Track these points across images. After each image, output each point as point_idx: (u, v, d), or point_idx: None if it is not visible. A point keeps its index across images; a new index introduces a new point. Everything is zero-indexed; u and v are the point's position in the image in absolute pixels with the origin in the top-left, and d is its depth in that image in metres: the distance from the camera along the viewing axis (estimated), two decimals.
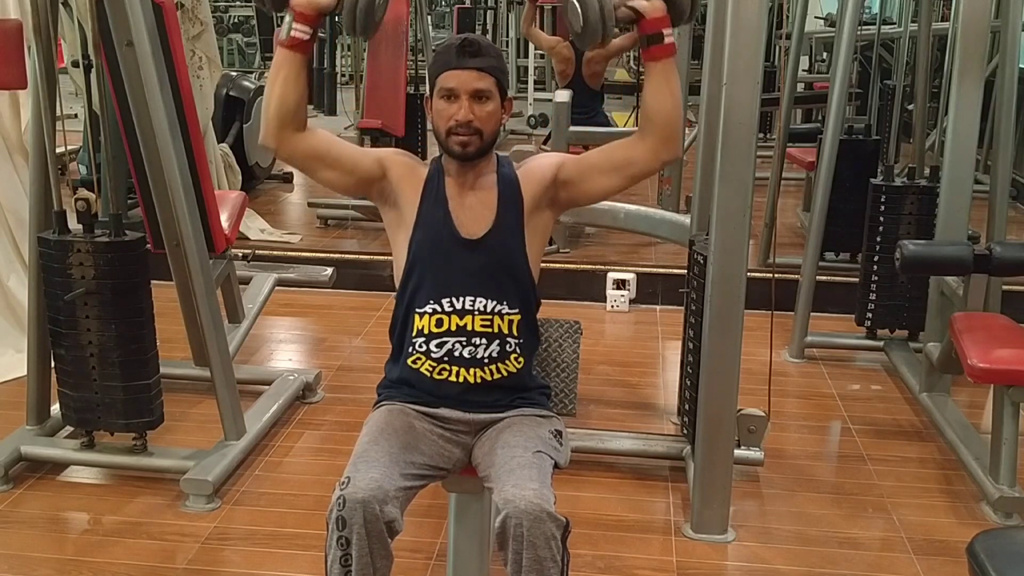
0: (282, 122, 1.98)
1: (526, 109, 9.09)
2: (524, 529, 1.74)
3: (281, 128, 1.98)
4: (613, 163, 2.03)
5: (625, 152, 2.02)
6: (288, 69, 1.96)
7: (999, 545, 1.44)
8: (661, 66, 1.95)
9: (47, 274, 2.74)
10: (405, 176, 2.06)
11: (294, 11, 1.94)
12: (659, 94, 1.96)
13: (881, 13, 6.36)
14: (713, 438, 2.63)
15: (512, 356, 2.03)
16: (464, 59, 1.95)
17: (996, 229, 3.62)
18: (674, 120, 1.97)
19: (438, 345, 2.00)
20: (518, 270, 2.04)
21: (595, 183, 2.05)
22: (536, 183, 2.05)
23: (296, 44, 1.95)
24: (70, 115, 5.61)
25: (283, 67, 1.96)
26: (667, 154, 2.00)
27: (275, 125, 1.98)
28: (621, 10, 1.90)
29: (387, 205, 2.08)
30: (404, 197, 2.05)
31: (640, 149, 2.00)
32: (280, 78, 1.96)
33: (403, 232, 2.05)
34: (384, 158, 2.07)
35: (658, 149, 1.99)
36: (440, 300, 2.00)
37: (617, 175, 2.03)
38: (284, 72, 1.96)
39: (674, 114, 1.97)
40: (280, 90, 1.96)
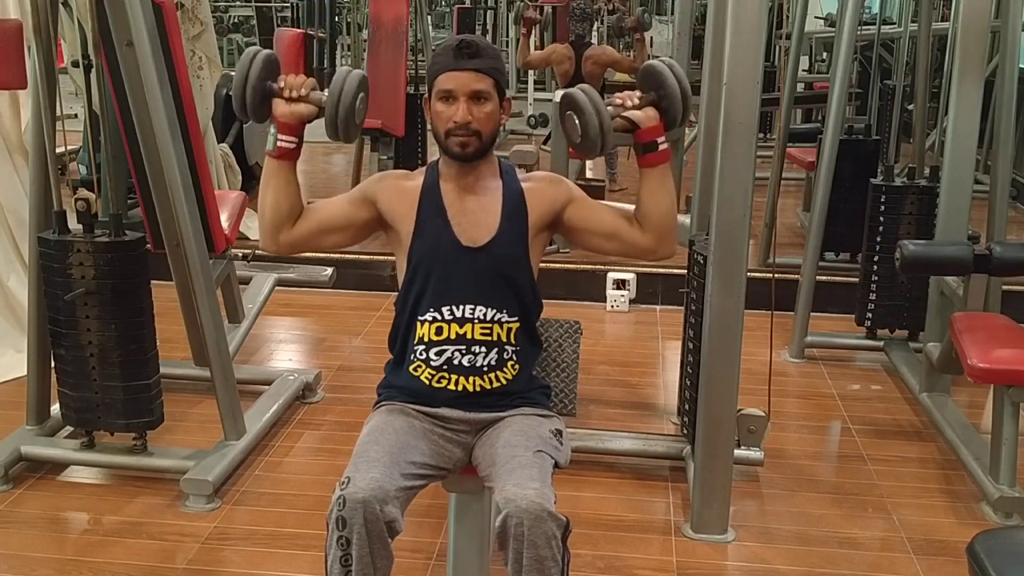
0: (279, 228, 2.03)
1: (526, 109, 9.08)
2: (525, 528, 1.74)
3: (278, 231, 2.03)
4: (615, 234, 2.08)
5: (628, 233, 2.07)
6: (278, 179, 2.01)
7: (999, 545, 1.44)
8: (657, 172, 2.03)
9: (47, 274, 2.74)
10: (394, 199, 2.06)
11: (278, 122, 1.98)
12: (655, 198, 2.04)
13: (881, 13, 6.36)
14: (713, 438, 2.63)
15: (509, 363, 2.03)
16: (462, 60, 1.95)
17: (996, 229, 3.62)
18: (670, 221, 2.05)
19: (437, 353, 2.00)
20: (520, 279, 2.04)
21: (592, 240, 2.11)
22: (544, 208, 2.07)
23: (284, 154, 2.00)
24: (70, 115, 5.61)
25: (273, 177, 2.01)
26: (664, 252, 2.09)
27: (272, 232, 2.04)
28: (617, 121, 1.99)
29: (388, 230, 2.10)
30: (399, 217, 2.05)
31: (641, 240, 2.07)
32: (271, 187, 2.01)
33: (403, 245, 2.06)
34: (368, 192, 2.08)
35: (656, 247, 2.08)
36: (440, 308, 2.00)
37: (613, 243, 2.09)
38: (275, 182, 2.01)
39: (670, 216, 2.05)
40: (272, 199, 2.01)
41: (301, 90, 1.96)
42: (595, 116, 1.92)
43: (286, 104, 1.97)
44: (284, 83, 1.97)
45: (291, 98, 1.96)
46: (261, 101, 1.97)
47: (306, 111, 1.97)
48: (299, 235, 2.05)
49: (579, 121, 1.96)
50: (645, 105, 2.00)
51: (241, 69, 1.95)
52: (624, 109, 1.99)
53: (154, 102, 2.68)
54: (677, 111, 1.99)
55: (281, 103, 1.97)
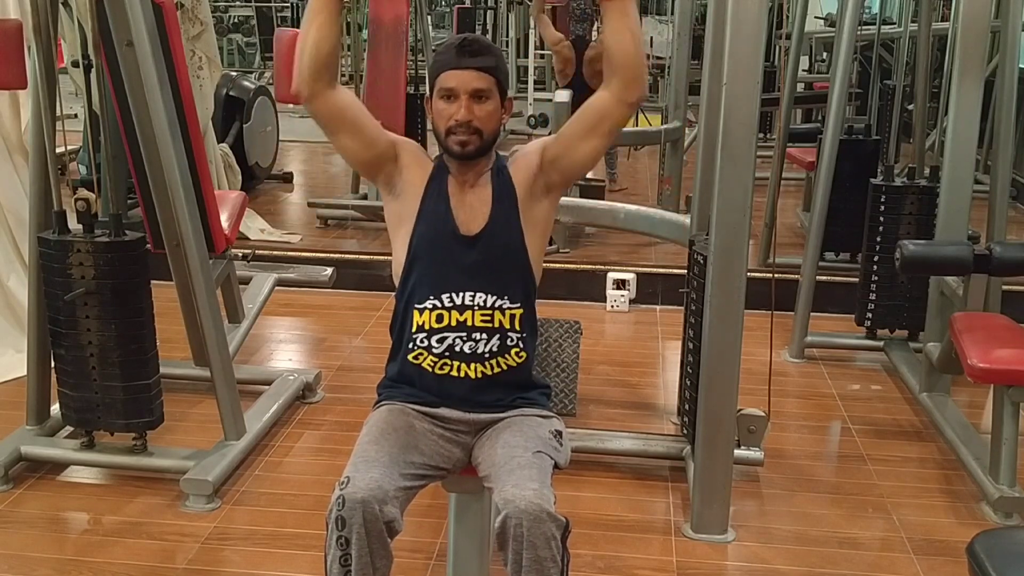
0: (317, 70, 1.96)
1: (526, 109, 9.08)
2: (524, 529, 1.74)
3: (315, 77, 1.96)
4: (588, 125, 2.03)
5: (595, 110, 2.02)
6: (324, 15, 1.95)
7: (999, 545, 1.44)
8: (618, 5, 1.95)
9: (47, 274, 2.74)
10: (413, 165, 2.07)
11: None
12: (618, 34, 1.95)
13: (881, 13, 6.36)
14: (713, 438, 2.63)
15: (513, 350, 2.02)
16: (464, 59, 1.95)
17: (996, 229, 3.62)
18: (636, 59, 1.97)
19: (439, 340, 2.00)
20: (518, 263, 2.04)
21: (579, 150, 2.04)
22: (525, 171, 2.06)
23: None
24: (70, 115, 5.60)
25: (319, 13, 1.95)
26: (632, 95, 1.99)
27: (309, 73, 1.96)
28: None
29: (391, 194, 2.08)
30: (409, 187, 2.05)
31: (607, 99, 2.00)
32: (315, 24, 1.95)
33: (404, 225, 2.05)
34: (398, 143, 2.09)
35: (623, 93, 1.98)
36: (440, 296, 2.00)
37: (596, 134, 2.03)
38: (320, 18, 1.95)
39: (634, 52, 1.96)
40: (315, 36, 1.94)
41: None
42: None
43: None
44: None
45: None
46: None
47: None
48: (331, 103, 1.98)
49: None
50: None
51: None
52: None
53: (154, 102, 2.68)
54: None
55: None
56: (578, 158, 2.05)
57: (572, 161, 2.05)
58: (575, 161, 2.06)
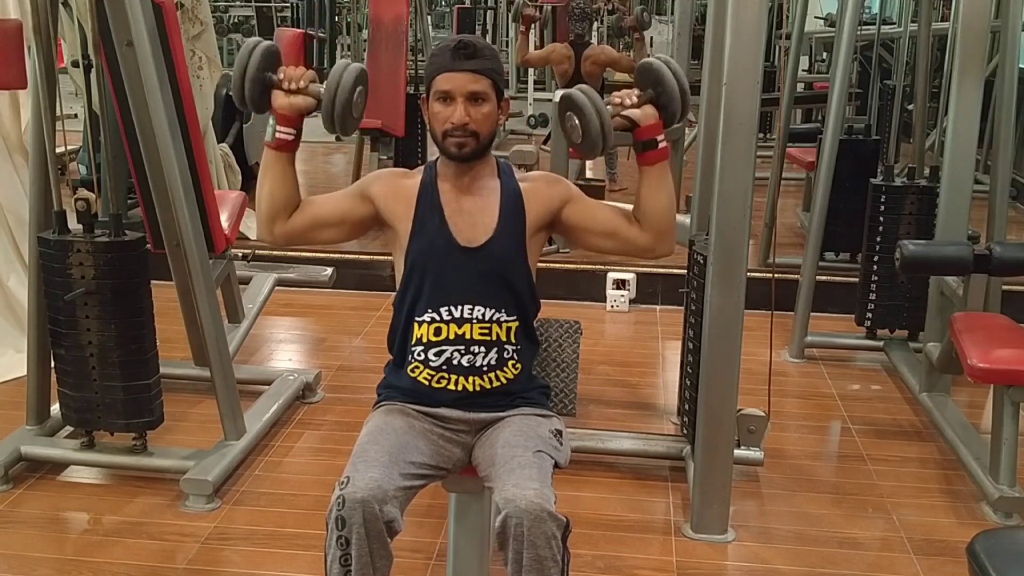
0: (274, 218, 2.03)
1: (526, 109, 9.08)
2: (525, 529, 1.74)
3: (273, 222, 2.04)
4: (613, 233, 2.09)
5: (627, 232, 2.08)
6: (275, 169, 2.01)
7: (999, 545, 1.44)
8: (656, 170, 2.03)
9: (47, 274, 2.74)
10: (391, 197, 2.06)
11: (276, 114, 1.98)
12: (654, 196, 2.04)
13: (881, 13, 6.37)
14: (713, 438, 2.63)
15: (510, 363, 2.03)
16: (459, 61, 1.95)
17: (996, 229, 3.62)
18: (669, 219, 2.06)
19: (436, 354, 2.00)
20: (518, 279, 2.04)
21: (590, 239, 2.11)
22: (541, 207, 2.07)
23: (281, 145, 2.00)
24: (70, 115, 5.61)
25: (271, 168, 2.02)
26: (662, 250, 2.10)
27: (267, 222, 2.04)
28: (616, 120, 1.98)
29: (385, 228, 2.10)
30: (396, 215, 2.05)
31: (639, 238, 2.08)
32: (268, 178, 2.02)
33: (400, 247, 2.06)
34: (365, 189, 2.08)
35: (655, 246, 2.09)
36: (438, 309, 2.00)
37: (611, 242, 2.10)
38: (271, 173, 2.02)
39: (669, 214, 2.06)
40: (269, 189, 2.02)
41: (300, 82, 1.97)
42: (595, 116, 1.92)
43: (285, 96, 1.97)
44: (283, 75, 1.98)
45: (290, 90, 1.97)
46: (261, 92, 1.97)
47: (304, 104, 1.97)
48: (294, 227, 2.05)
49: (579, 122, 1.96)
50: (644, 103, 2.00)
51: (241, 60, 1.96)
52: (623, 108, 1.99)
53: (154, 102, 2.68)
54: (676, 108, 1.99)
55: (280, 95, 1.97)
56: (584, 242, 2.14)
57: (578, 238, 2.13)
58: (580, 240, 2.14)
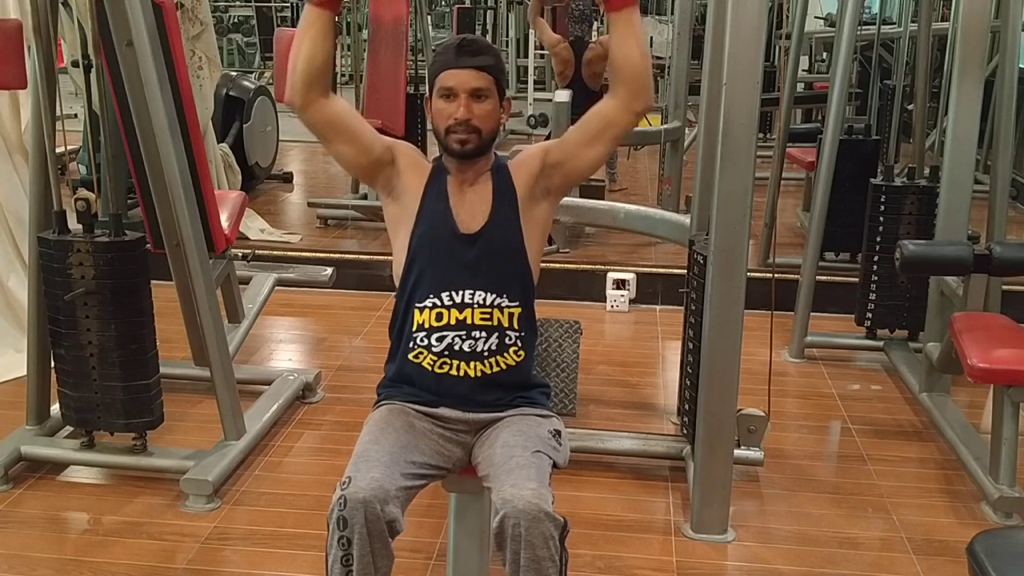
0: (309, 81, 1.97)
1: (526, 109, 9.07)
2: (522, 529, 1.74)
3: (308, 88, 1.97)
4: (593, 131, 2.05)
5: (600, 117, 2.04)
6: (318, 27, 1.96)
7: (999, 545, 1.44)
8: (624, 16, 1.96)
9: (47, 274, 2.74)
10: (411, 168, 2.08)
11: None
12: (624, 44, 1.97)
13: (881, 13, 6.36)
14: (713, 438, 2.63)
15: (512, 349, 2.03)
16: (463, 58, 1.97)
17: (996, 229, 3.62)
18: (642, 69, 1.98)
19: (438, 339, 2.01)
20: (517, 262, 2.05)
21: (582, 156, 2.06)
22: (526, 173, 2.07)
23: (324, 1, 1.96)
24: (70, 115, 5.61)
25: (312, 25, 1.96)
26: (639, 104, 2.01)
27: (302, 83, 1.97)
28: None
29: (390, 197, 2.09)
30: (408, 189, 2.06)
31: (613, 108, 2.02)
32: (309, 36, 1.96)
33: (404, 226, 2.06)
34: (395, 146, 2.09)
35: (630, 101, 2.00)
36: (440, 294, 2.01)
37: (599, 141, 2.05)
38: (313, 30, 1.96)
39: (641, 63, 1.98)
40: (308, 48, 1.96)
41: None
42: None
43: None
44: None
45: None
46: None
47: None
48: (324, 113, 2.00)
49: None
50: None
51: None
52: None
53: (154, 102, 2.68)
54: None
55: None
56: (580, 164, 2.07)
57: (574, 166, 2.07)
58: (577, 166, 2.08)
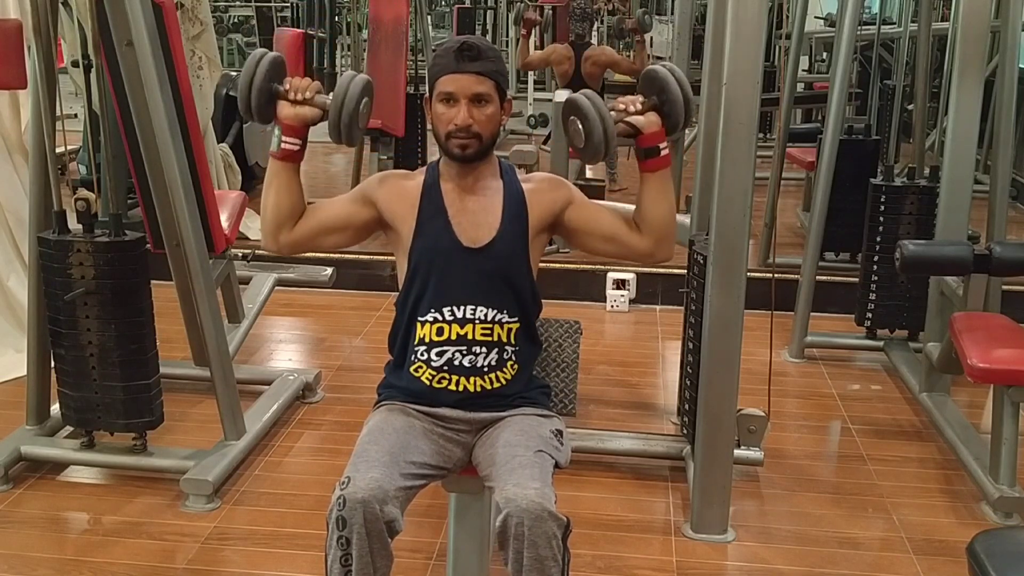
0: (279, 226, 2.05)
1: (526, 109, 9.08)
2: (525, 528, 1.74)
3: (279, 231, 2.05)
4: (613, 237, 2.09)
5: (627, 236, 2.08)
6: (280, 179, 2.03)
7: (999, 545, 1.44)
8: (657, 177, 2.04)
9: (47, 274, 2.74)
10: (394, 199, 2.07)
11: (282, 124, 1.99)
12: (655, 203, 2.05)
13: (881, 13, 6.37)
14: (713, 438, 2.63)
15: (508, 364, 2.03)
16: (463, 63, 1.96)
17: (996, 229, 3.62)
18: (669, 225, 2.06)
19: (438, 354, 2.01)
20: (520, 280, 2.05)
21: (591, 243, 2.11)
22: (544, 209, 2.07)
23: (287, 155, 2.01)
24: (70, 115, 5.61)
25: (276, 177, 2.03)
26: (662, 255, 2.10)
27: (273, 232, 2.05)
28: (619, 126, 1.98)
29: (388, 230, 2.10)
30: (398, 217, 2.06)
31: (639, 243, 2.08)
32: (274, 188, 2.03)
33: (403, 247, 2.06)
34: (367, 192, 2.09)
35: (654, 251, 2.09)
36: (441, 309, 2.00)
37: (612, 246, 2.11)
38: (277, 183, 2.03)
39: (669, 220, 2.06)
40: (274, 199, 2.03)
41: (306, 93, 1.97)
42: (599, 122, 1.92)
43: (291, 106, 1.98)
44: (289, 85, 1.98)
45: (296, 100, 1.97)
46: (266, 103, 1.98)
47: (310, 114, 1.98)
48: (299, 236, 2.06)
49: (583, 127, 1.95)
50: (647, 110, 2.00)
51: (247, 71, 1.96)
52: (627, 114, 1.99)
53: (154, 102, 2.68)
54: (679, 116, 1.99)
55: (286, 105, 1.98)
56: (585, 244, 2.13)
57: (579, 241, 2.13)
58: (581, 243, 2.14)
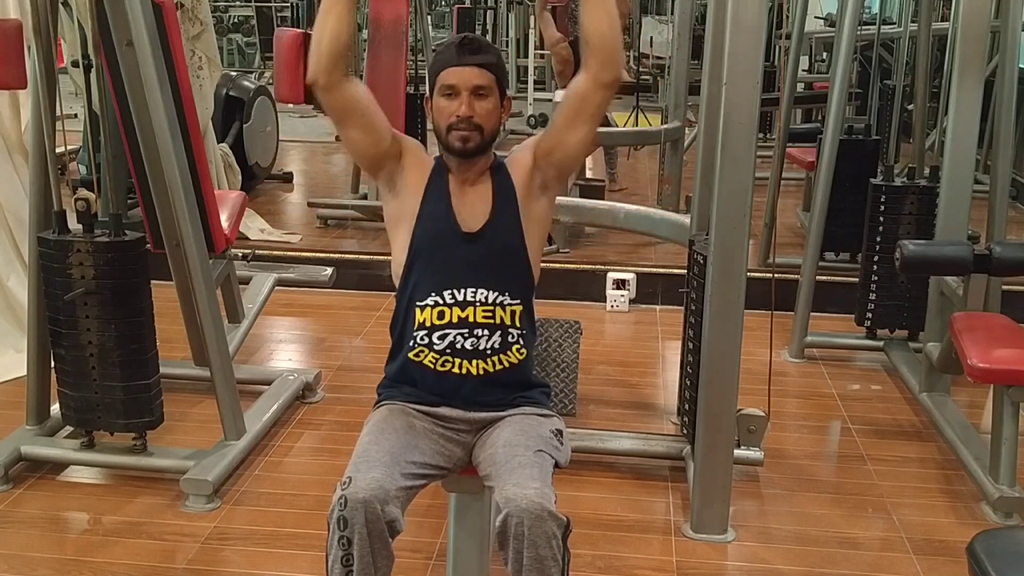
0: (335, 58, 1.96)
1: (526, 109, 9.07)
2: (525, 528, 1.74)
3: (333, 65, 1.96)
4: (571, 112, 2.04)
5: (575, 94, 2.03)
6: (342, 6, 1.96)
7: (999, 545, 1.44)
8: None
9: (47, 274, 2.74)
10: (415, 165, 2.08)
11: None
12: (594, 15, 1.96)
13: (881, 13, 6.36)
14: (713, 438, 2.63)
15: (515, 347, 2.03)
16: (464, 56, 1.97)
17: (996, 229, 3.62)
18: (609, 39, 1.97)
19: (440, 337, 2.01)
20: (518, 260, 2.05)
21: (569, 139, 2.06)
22: (522, 169, 2.08)
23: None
24: (70, 115, 5.60)
25: (336, 3, 1.96)
26: (608, 75, 1.98)
27: (328, 61, 1.96)
28: None
29: (391, 192, 2.09)
30: (409, 186, 2.06)
31: (584, 82, 2.01)
32: (333, 14, 1.96)
33: (404, 224, 2.05)
34: (403, 141, 2.10)
35: (599, 72, 1.98)
36: (441, 292, 2.01)
37: (580, 120, 2.04)
38: (338, 8, 1.96)
39: (609, 33, 1.97)
40: (334, 24, 1.96)
41: None
42: None
43: None
44: None
45: None
46: None
47: None
48: (344, 93, 1.99)
49: None
50: None
51: None
52: None
53: (154, 102, 2.68)
54: None
55: None
56: (569, 147, 2.07)
57: (564, 152, 2.07)
58: (567, 151, 2.07)
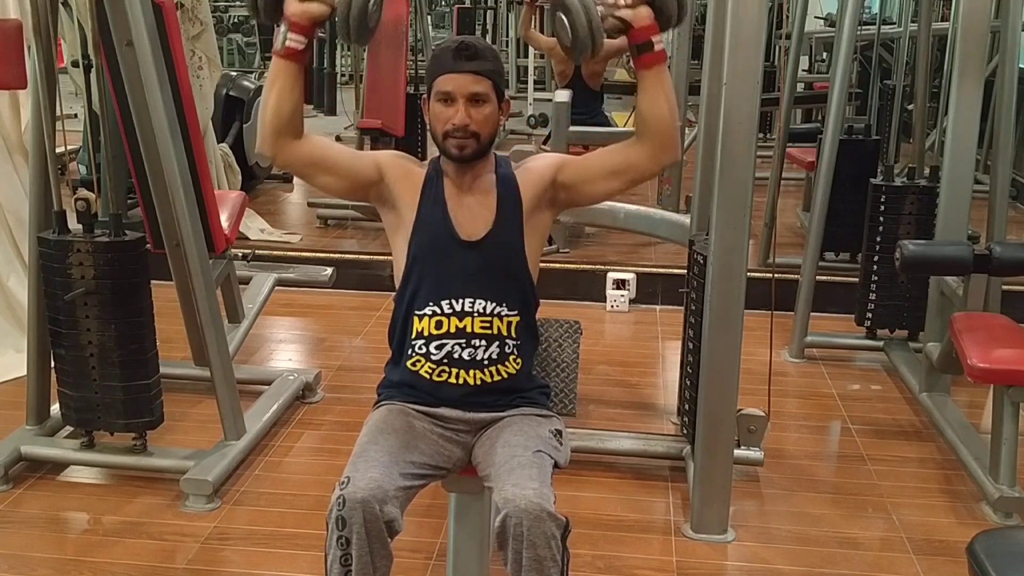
0: (278, 131, 1.97)
1: (526, 109, 9.08)
2: (524, 528, 1.74)
3: (277, 137, 1.98)
4: (613, 167, 2.04)
5: (624, 156, 2.03)
6: (284, 79, 1.96)
7: (999, 545, 1.44)
8: (653, 73, 1.96)
9: (47, 274, 2.74)
10: (402, 178, 2.06)
11: (288, 21, 1.93)
12: (654, 101, 1.97)
13: (881, 13, 6.37)
14: (713, 438, 2.63)
15: (511, 358, 2.03)
16: (461, 62, 1.95)
17: (996, 229, 3.62)
18: (670, 125, 1.98)
19: (437, 347, 2.01)
20: (517, 271, 2.04)
21: (595, 187, 2.06)
22: (535, 184, 2.06)
23: (291, 54, 1.94)
24: (70, 115, 5.61)
25: (279, 77, 1.96)
26: (666, 158, 2.01)
27: (271, 134, 1.98)
28: (608, 21, 1.90)
29: (385, 207, 2.08)
30: (402, 199, 2.05)
31: (639, 154, 2.01)
32: (276, 88, 1.96)
33: (402, 234, 2.05)
34: (381, 161, 2.07)
35: (657, 154, 2.00)
36: (439, 302, 2.00)
37: (617, 179, 2.04)
38: (280, 82, 1.96)
39: (670, 119, 1.97)
40: (276, 100, 1.96)
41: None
42: (583, 14, 1.84)
43: (298, 2, 1.90)
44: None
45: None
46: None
47: (317, 10, 1.90)
48: (299, 155, 2.00)
49: (567, 21, 1.87)
50: (638, 4, 1.91)
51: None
52: (616, 8, 1.91)
53: (154, 102, 2.68)
54: (672, 11, 1.91)
55: (293, 2, 1.91)
56: (590, 192, 2.08)
57: (583, 192, 2.08)
58: (586, 193, 2.08)
